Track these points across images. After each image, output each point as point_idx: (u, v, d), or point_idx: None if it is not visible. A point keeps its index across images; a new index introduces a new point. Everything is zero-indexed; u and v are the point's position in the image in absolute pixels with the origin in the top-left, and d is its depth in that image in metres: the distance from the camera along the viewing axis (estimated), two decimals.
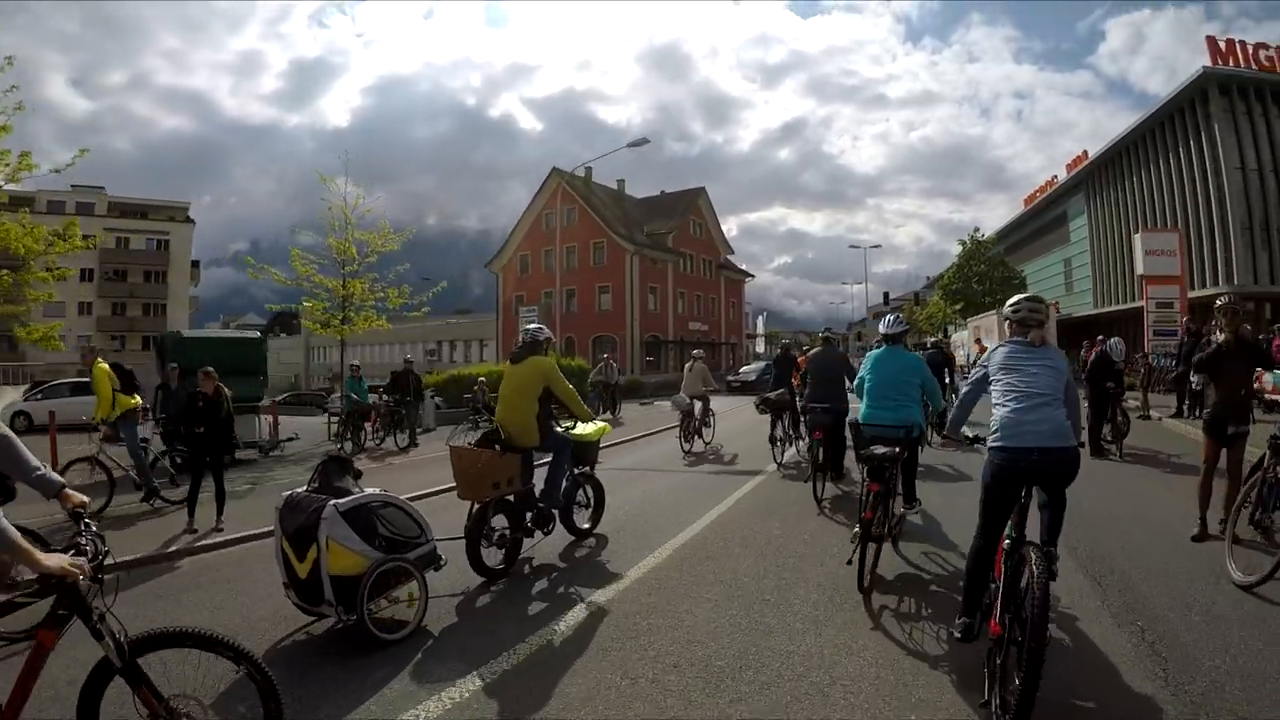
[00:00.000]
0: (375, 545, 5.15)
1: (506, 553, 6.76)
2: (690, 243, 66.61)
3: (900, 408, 7.11)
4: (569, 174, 64.08)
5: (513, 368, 7.21)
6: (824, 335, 12.28)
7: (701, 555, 7.12)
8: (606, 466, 9.02)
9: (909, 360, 7.50)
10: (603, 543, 7.76)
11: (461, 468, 6.65)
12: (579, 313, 61.40)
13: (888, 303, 75.01)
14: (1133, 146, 51.65)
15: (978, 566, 4.33)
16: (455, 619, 5.62)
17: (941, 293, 64.17)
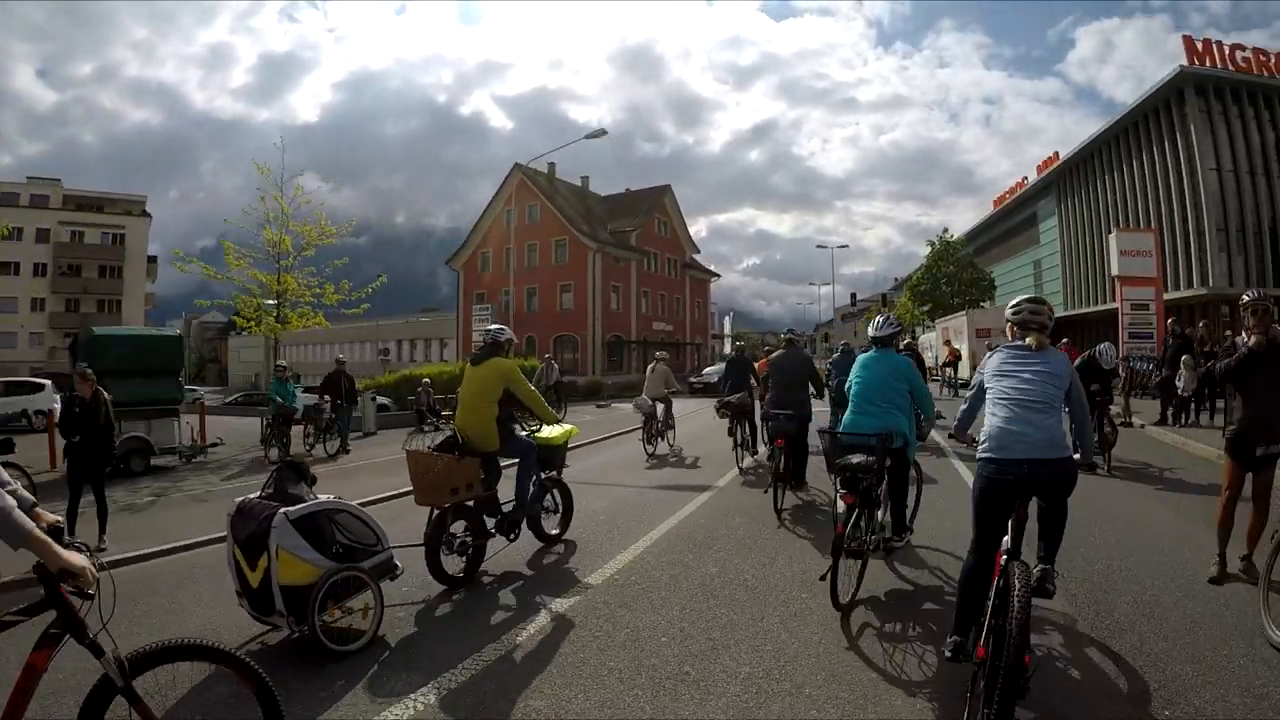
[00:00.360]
0: (329, 554, 4.99)
1: (468, 560, 6.53)
2: (655, 241, 64.78)
3: (884, 414, 6.46)
4: (532, 169, 62.63)
5: (472, 369, 6.98)
6: (787, 336, 11.43)
7: (665, 563, 6.92)
8: (566, 471, 8.42)
9: (899, 364, 6.78)
10: (569, 549, 7.59)
11: (418, 472, 6.39)
12: (540, 312, 59.82)
13: (855, 304, 73.54)
14: (1105, 147, 50.30)
15: (971, 582, 4.10)
16: (414, 628, 5.45)
17: (909, 294, 62.71)
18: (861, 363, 6.88)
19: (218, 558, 6.22)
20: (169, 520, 9.83)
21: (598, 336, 57.10)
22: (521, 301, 60.74)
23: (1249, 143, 42.60)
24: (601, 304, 57.52)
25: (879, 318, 7.17)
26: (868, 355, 6.94)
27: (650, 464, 13.77)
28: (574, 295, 58.61)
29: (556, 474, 7.85)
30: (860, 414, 6.56)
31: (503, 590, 6.33)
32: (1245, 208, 41.92)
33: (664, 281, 66.10)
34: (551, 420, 7.39)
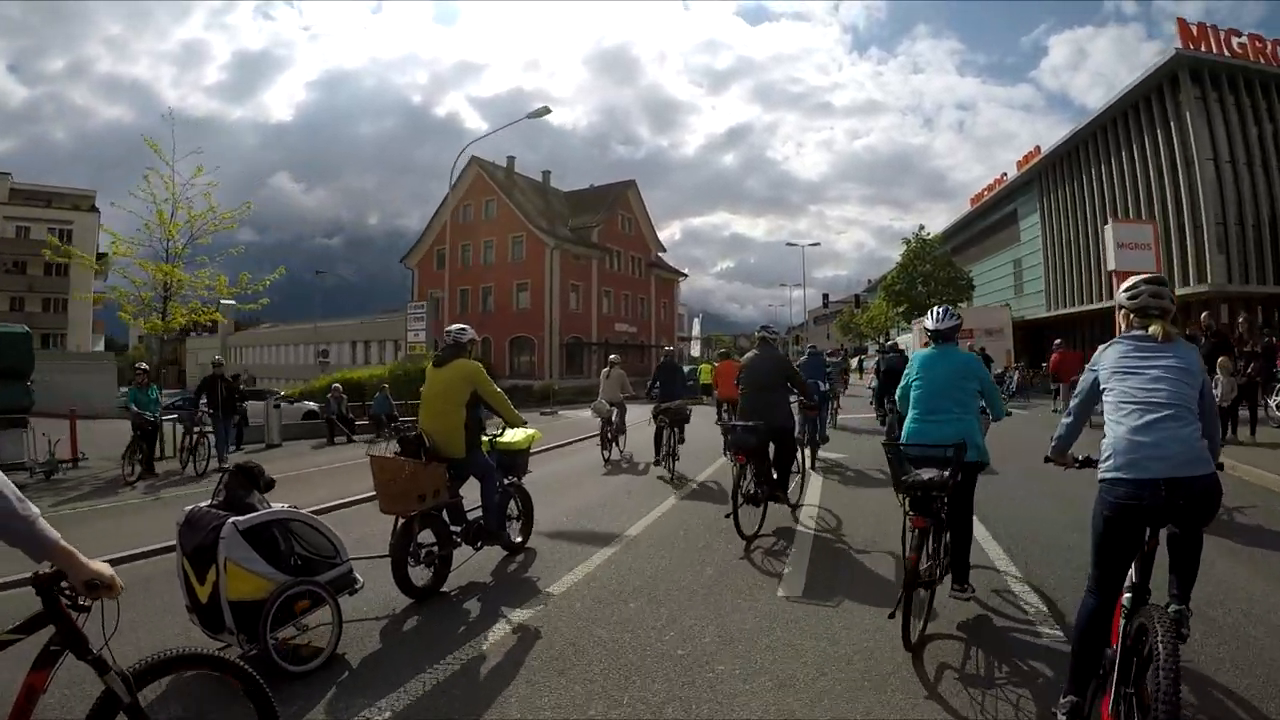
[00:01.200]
0: (283, 567, 4.65)
1: (436, 571, 6.15)
2: (618, 239, 60.95)
3: (955, 421, 5.40)
4: (490, 163, 59.03)
5: (436, 371, 6.61)
6: (760, 335, 9.60)
7: (627, 572, 6.59)
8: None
9: (966, 361, 5.70)
10: (530, 557, 7.25)
11: (383, 480, 6.09)
12: (496, 312, 55.97)
13: (827, 305, 69.90)
14: (1092, 139, 46.53)
15: (1090, 630, 3.39)
16: (378, 645, 5.08)
17: (884, 294, 58.81)
18: (922, 361, 5.77)
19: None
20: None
21: (555, 338, 53.17)
22: (476, 301, 57.35)
23: (1246, 134, 39.15)
24: (559, 304, 53.74)
25: (937, 309, 5.99)
26: (927, 353, 5.83)
27: (607, 470, 13.38)
28: (530, 295, 54.87)
29: (518, 480, 7.56)
30: (926, 421, 5.54)
31: (467, 602, 5.96)
32: (1244, 201, 38.49)
33: (627, 281, 62.30)
34: (517, 423, 6.98)
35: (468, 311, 56.07)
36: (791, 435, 8.77)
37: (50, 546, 2.35)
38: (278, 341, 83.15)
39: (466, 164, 57.78)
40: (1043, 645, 4.60)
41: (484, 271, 56.89)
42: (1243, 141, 38.96)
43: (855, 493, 10.30)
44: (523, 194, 58.21)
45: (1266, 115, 39.52)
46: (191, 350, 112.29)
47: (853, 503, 9.48)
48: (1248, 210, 38.33)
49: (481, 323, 54.36)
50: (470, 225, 57.95)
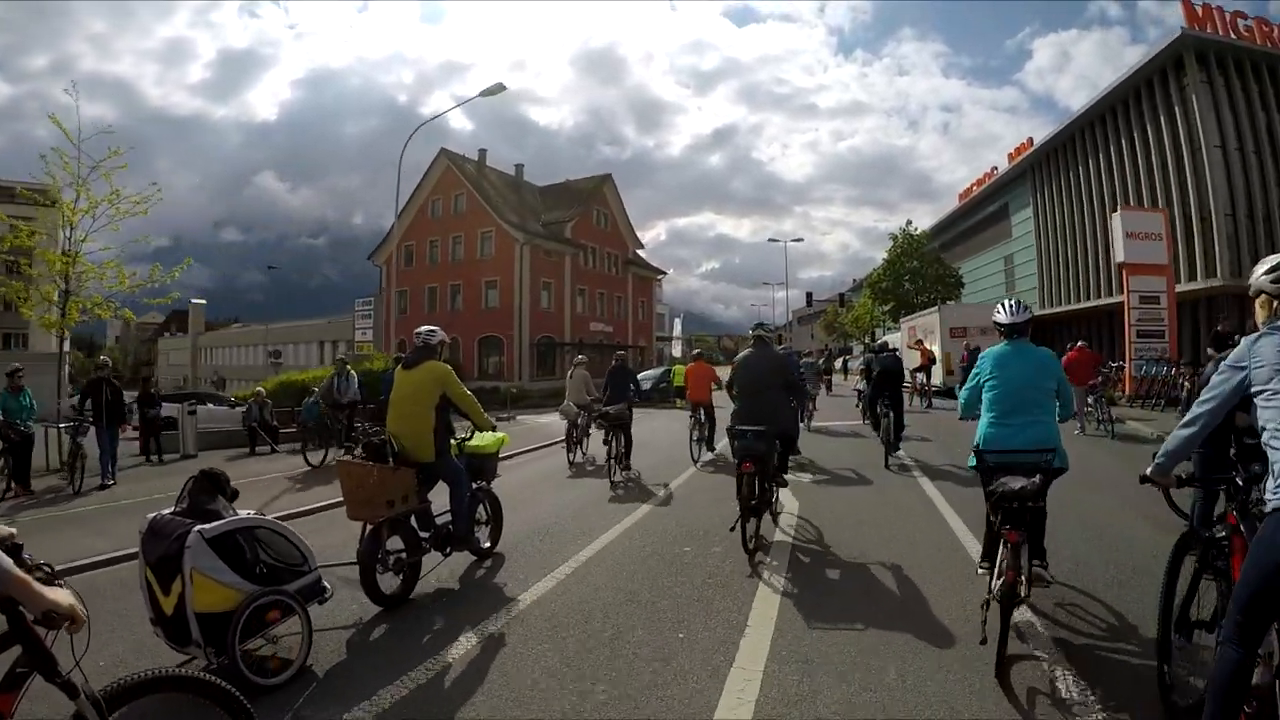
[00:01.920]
0: (250, 576, 4.42)
1: (405, 579, 5.96)
2: (593, 234, 57.43)
3: (1036, 424, 4.99)
4: (459, 156, 55.70)
5: (405, 374, 6.41)
6: (756, 333, 8.83)
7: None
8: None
9: (1042, 358, 5.26)
10: (499, 563, 7.06)
11: (351, 485, 5.93)
12: (465, 311, 52.36)
13: (811, 304, 66.35)
14: (1089, 127, 43.45)
15: (1232, 690, 2.83)
16: (346, 655, 4.90)
17: (870, 292, 55.70)
18: (996, 359, 5.25)
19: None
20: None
21: (524, 338, 49.76)
22: (445, 299, 53.99)
23: (1254, 121, 36.08)
24: (530, 302, 50.22)
25: (1008, 303, 5.40)
26: (1001, 350, 5.28)
27: (571, 473, 13.15)
28: (500, 292, 51.27)
29: (487, 484, 7.29)
30: (1007, 425, 5.03)
31: (436, 610, 5.77)
32: (1254, 192, 35.44)
33: (603, 279, 58.79)
34: (487, 426, 6.74)
35: (436, 310, 53.00)
36: (794, 441, 8.33)
37: (7, 577, 2.15)
38: (249, 342, 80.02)
39: (435, 157, 55.32)
40: (1132, 667, 4.21)
41: (452, 268, 53.53)
42: (1250, 129, 35.88)
43: (833, 497, 9.87)
44: (493, 188, 54.66)
45: (1275, 102, 36.42)
46: (163, 350, 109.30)
47: (831, 508, 9.04)
48: (1257, 201, 35.29)
49: (450, 322, 51.01)
50: (439, 221, 54.80)
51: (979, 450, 4.95)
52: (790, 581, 6.11)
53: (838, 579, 6.21)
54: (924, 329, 33.25)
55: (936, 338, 30.45)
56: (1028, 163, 49.42)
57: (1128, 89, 39.59)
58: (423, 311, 53.60)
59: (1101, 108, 41.70)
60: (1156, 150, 37.74)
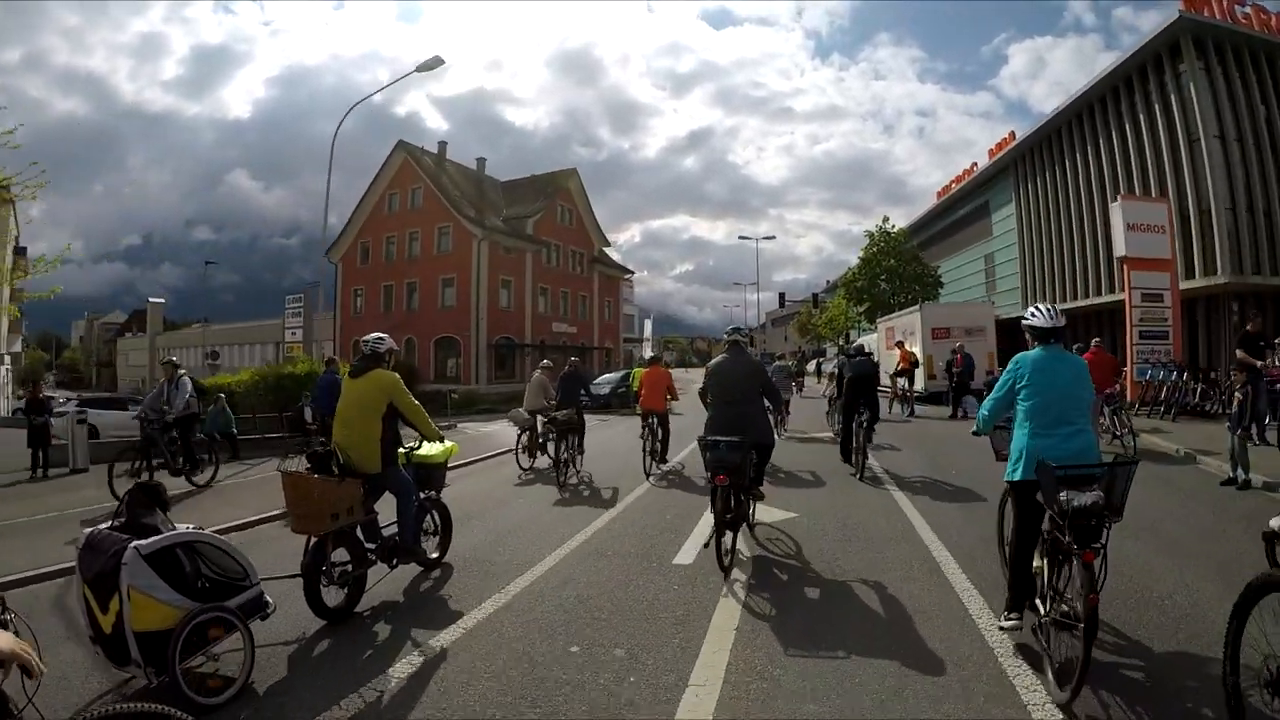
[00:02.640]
0: (191, 592, 4.25)
1: (350, 592, 5.72)
2: (556, 231, 54.08)
3: (1082, 433, 4.58)
4: (418, 148, 52.27)
5: (352, 383, 6.22)
6: (731, 337, 8.24)
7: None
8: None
9: (1082, 366, 4.95)
10: (448, 574, 6.80)
11: (295, 497, 5.65)
12: (421, 310, 49.12)
13: (783, 305, 63.14)
14: (1077, 119, 40.38)
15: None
16: (287, 672, 4.67)
17: (844, 292, 52.53)
18: (1037, 365, 4.76)
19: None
20: None
21: (482, 338, 46.33)
22: (401, 298, 50.50)
23: (1254, 111, 33.08)
24: (488, 300, 46.83)
25: (1043, 306, 5.00)
26: (1039, 355, 4.80)
27: (519, 481, 12.50)
28: (457, 291, 47.82)
29: (436, 494, 7.07)
30: (1051, 435, 4.55)
31: (381, 623, 5.57)
32: (1254, 185, 32.47)
33: (567, 277, 55.43)
34: (434, 437, 6.50)
35: (391, 310, 49.81)
36: (770, 451, 7.84)
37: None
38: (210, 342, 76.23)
39: (392, 150, 51.75)
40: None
41: (409, 266, 50.01)
42: (1250, 120, 32.88)
43: (808, 510, 9.05)
44: (452, 182, 51.09)
45: (1274, 94, 33.44)
46: (123, 351, 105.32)
47: (806, 521, 8.38)
48: (1258, 195, 32.33)
49: (406, 322, 48.16)
50: (396, 216, 51.37)
51: (1044, 463, 4.29)
52: (769, 601, 5.78)
53: (817, 599, 5.84)
54: (904, 329, 30.44)
55: (918, 339, 27.90)
56: (1010, 158, 46.18)
57: (1119, 77, 36.50)
58: (378, 311, 50.55)
59: (1090, 97, 38.56)
60: (1151, 141, 34.70)
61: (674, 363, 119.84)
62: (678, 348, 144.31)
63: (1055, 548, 4.27)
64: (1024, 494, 4.57)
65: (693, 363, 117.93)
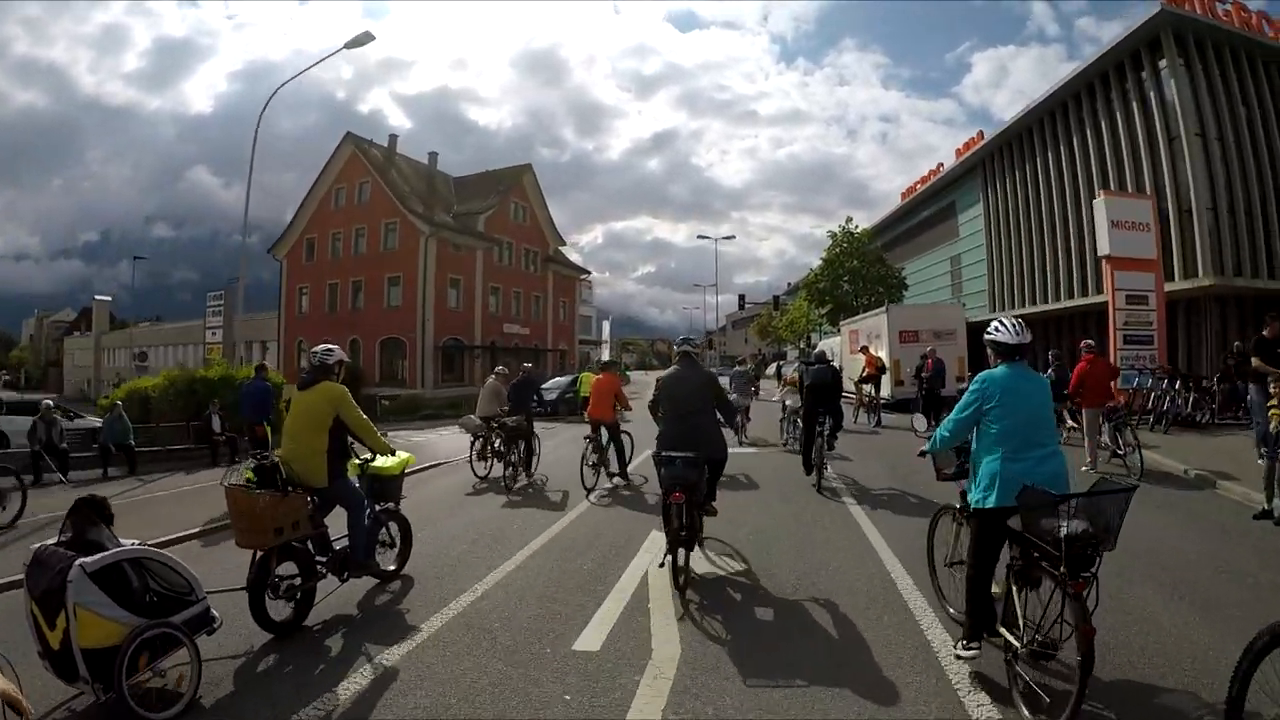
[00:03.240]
0: (138, 608, 4.17)
1: (297, 605, 5.52)
2: (509, 228, 51.08)
3: (1054, 456, 4.29)
4: (366, 141, 49.22)
5: (299, 395, 6.03)
6: (681, 348, 7.90)
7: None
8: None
9: (1045, 384, 4.70)
10: (405, 586, 6.52)
11: (238, 511, 5.46)
12: (366, 309, 45.98)
13: (743, 307, 60.53)
14: (1049, 117, 38.12)
15: None
16: (233, 687, 4.55)
17: (806, 294, 50.10)
18: (1006, 385, 4.39)
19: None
20: None
21: (428, 340, 43.35)
22: (346, 297, 47.37)
23: (1234, 111, 31.12)
24: (435, 300, 43.84)
25: (1008, 321, 4.62)
26: (1007, 374, 4.45)
27: (471, 491, 11.95)
28: (403, 289, 44.71)
29: (393, 506, 6.81)
30: (1022, 460, 4.21)
31: (332, 637, 5.37)
32: (1235, 186, 30.44)
33: (520, 276, 52.45)
34: (385, 451, 6.26)
35: (336, 310, 46.78)
36: (723, 467, 7.46)
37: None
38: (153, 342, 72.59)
39: (340, 142, 48.54)
40: None
41: (355, 263, 46.75)
42: (1230, 120, 30.86)
43: (763, 524, 8.61)
44: (401, 176, 48.07)
45: (1254, 94, 31.57)
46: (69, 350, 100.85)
47: (760, 537, 7.96)
48: (1238, 196, 30.29)
49: (351, 322, 45.24)
50: (343, 211, 48.08)
51: (1033, 489, 3.90)
52: (720, 623, 5.40)
53: (769, 621, 5.46)
54: (869, 332, 27.96)
55: (884, 343, 25.58)
56: (978, 157, 43.89)
57: (1095, 73, 34.27)
58: (323, 311, 47.53)
59: (1064, 94, 36.24)
60: (1128, 138, 32.44)
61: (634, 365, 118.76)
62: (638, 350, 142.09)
63: (1025, 574, 4.05)
64: (991, 522, 4.26)
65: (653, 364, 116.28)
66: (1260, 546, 7.18)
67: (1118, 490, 3.80)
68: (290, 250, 50.49)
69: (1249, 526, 8.02)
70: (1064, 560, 3.65)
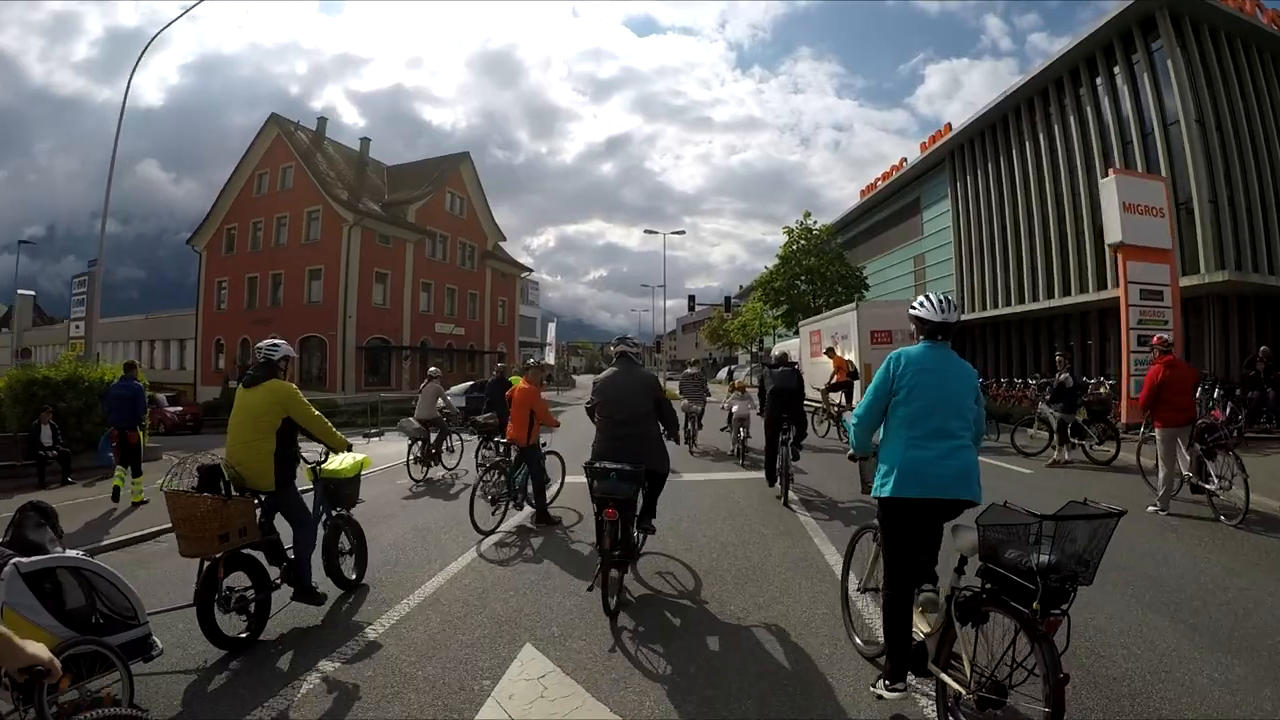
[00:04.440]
0: (71, 621, 3.80)
1: (250, 619, 5.07)
2: (444, 221, 46.13)
3: (964, 450, 3.79)
4: (291, 123, 44.27)
5: (245, 393, 5.58)
6: (618, 348, 7.05)
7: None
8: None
9: (967, 370, 4.02)
10: (360, 596, 6.06)
11: (179, 518, 4.98)
12: (286, 304, 40.74)
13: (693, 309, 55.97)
14: (1028, 104, 34.13)
15: None
16: (180, 706, 4.16)
17: (760, 293, 45.74)
18: (920, 364, 3.88)
19: None
20: None
21: (350, 339, 38.29)
22: (265, 292, 42.14)
23: (1231, 99, 27.61)
24: (359, 295, 38.75)
25: (933, 296, 4.04)
26: (921, 353, 3.93)
27: (413, 492, 11.57)
28: (324, 284, 39.51)
29: (347, 511, 6.31)
30: (945, 452, 3.73)
31: (284, 650, 4.94)
32: (1234, 178, 26.95)
33: (454, 273, 47.40)
34: (342, 447, 5.82)
35: (256, 305, 41.61)
36: (664, 481, 6.61)
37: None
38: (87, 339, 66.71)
39: (264, 124, 43.33)
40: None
41: (276, 255, 41.48)
42: (1229, 108, 27.36)
43: (708, 539, 7.82)
44: (328, 161, 42.93)
45: (1251, 82, 28.26)
46: None
47: (706, 554, 7.18)
48: (1238, 189, 26.79)
49: (270, 318, 39.98)
50: (265, 199, 42.79)
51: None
52: (660, 655, 4.72)
53: (717, 650, 4.79)
54: (833, 333, 23.39)
55: (852, 343, 21.37)
56: (947, 149, 39.93)
57: (1079, 56, 30.38)
58: (241, 306, 42.25)
59: (1044, 79, 32.33)
60: (1117, 126, 28.82)
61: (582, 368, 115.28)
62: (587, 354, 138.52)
63: (970, 606, 3.32)
64: (894, 515, 3.73)
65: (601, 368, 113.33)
66: None
67: (1100, 514, 3.00)
68: (210, 241, 45.23)
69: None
70: (1040, 595, 2.95)
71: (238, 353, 40.26)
